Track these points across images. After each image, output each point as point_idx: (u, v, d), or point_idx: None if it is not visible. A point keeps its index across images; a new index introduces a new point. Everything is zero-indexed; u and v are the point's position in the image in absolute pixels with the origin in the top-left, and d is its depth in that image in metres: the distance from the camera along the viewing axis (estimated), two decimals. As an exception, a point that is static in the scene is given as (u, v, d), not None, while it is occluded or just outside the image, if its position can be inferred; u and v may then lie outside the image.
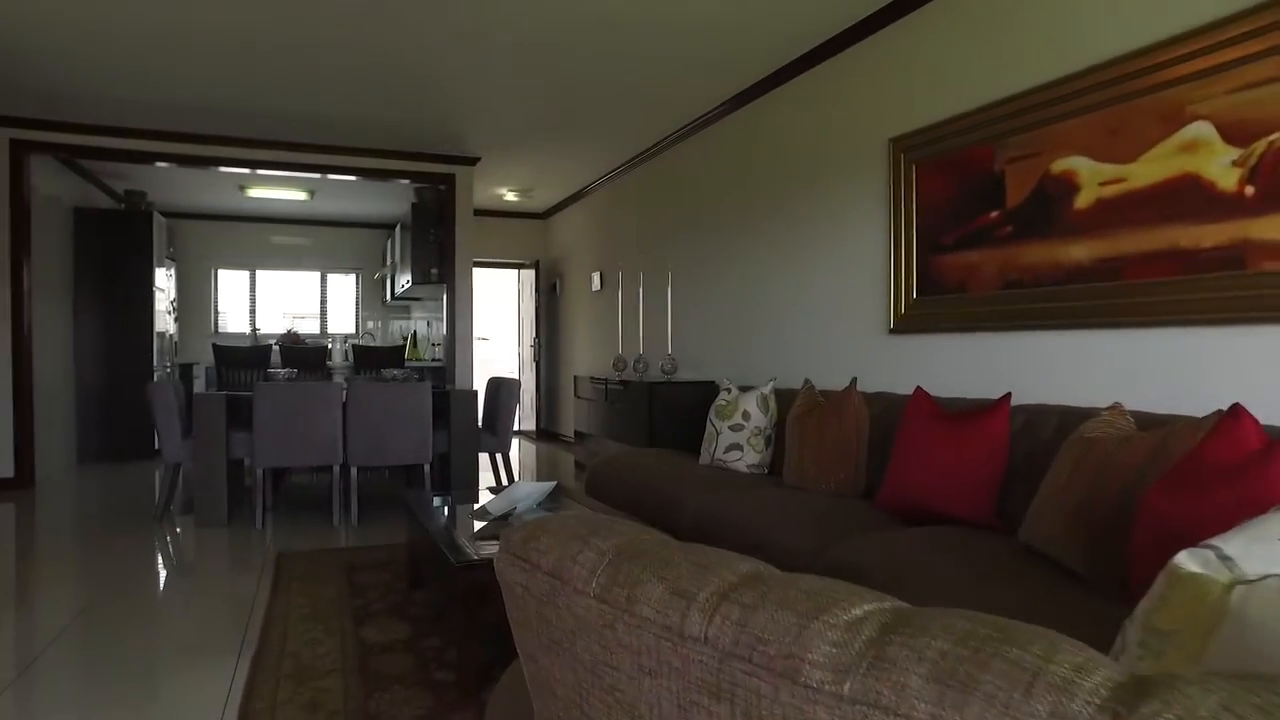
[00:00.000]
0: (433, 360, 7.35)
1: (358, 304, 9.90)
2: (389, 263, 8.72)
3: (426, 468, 4.73)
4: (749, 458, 4.06)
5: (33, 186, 6.26)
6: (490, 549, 2.52)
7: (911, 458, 2.83)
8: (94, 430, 7.15)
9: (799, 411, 3.72)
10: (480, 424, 5.41)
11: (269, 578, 3.54)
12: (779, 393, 4.21)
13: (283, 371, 4.86)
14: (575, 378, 6.90)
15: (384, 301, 9.71)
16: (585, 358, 8.03)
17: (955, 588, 2.04)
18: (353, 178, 6.59)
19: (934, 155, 3.57)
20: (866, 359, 4.06)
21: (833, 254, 4.31)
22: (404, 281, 7.46)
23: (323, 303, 9.79)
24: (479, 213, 7.14)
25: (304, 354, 6.19)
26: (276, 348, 6.41)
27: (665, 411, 5.37)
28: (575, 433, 6.90)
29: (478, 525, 2.88)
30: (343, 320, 9.86)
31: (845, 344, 4.23)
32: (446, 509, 3.24)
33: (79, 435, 7.13)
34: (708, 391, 5.48)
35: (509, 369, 9.55)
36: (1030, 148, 3.05)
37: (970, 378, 3.39)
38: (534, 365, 8.94)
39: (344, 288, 9.88)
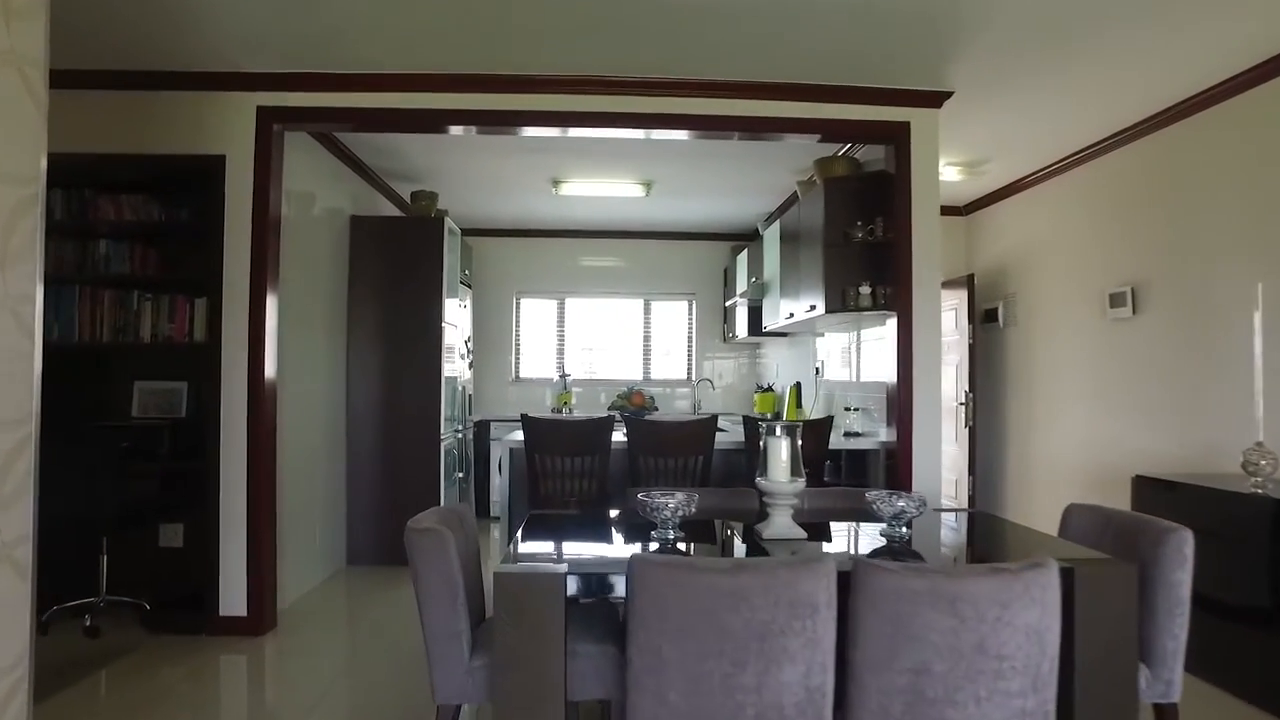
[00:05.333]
0: (845, 435, 4.47)
1: (690, 341, 7.42)
2: (750, 283, 6.06)
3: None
4: None
5: (311, 194, 4.40)
6: None
7: None
8: (369, 514, 5.17)
9: None
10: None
11: None
12: None
13: (672, 502, 2.20)
14: (1136, 479, 3.64)
15: (725, 337, 7.13)
16: (1089, 429, 4.69)
17: None
18: (730, 135, 4.00)
19: None
20: None
21: None
22: (804, 308, 4.61)
23: (646, 339, 7.43)
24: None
25: (670, 437, 3.53)
26: (619, 418, 3.89)
27: None
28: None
29: None
30: (671, 362, 7.44)
31: None
32: None
33: (349, 522, 5.19)
34: None
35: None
36: None
37: None
38: (965, 432, 5.75)
39: (671, 319, 7.46)
